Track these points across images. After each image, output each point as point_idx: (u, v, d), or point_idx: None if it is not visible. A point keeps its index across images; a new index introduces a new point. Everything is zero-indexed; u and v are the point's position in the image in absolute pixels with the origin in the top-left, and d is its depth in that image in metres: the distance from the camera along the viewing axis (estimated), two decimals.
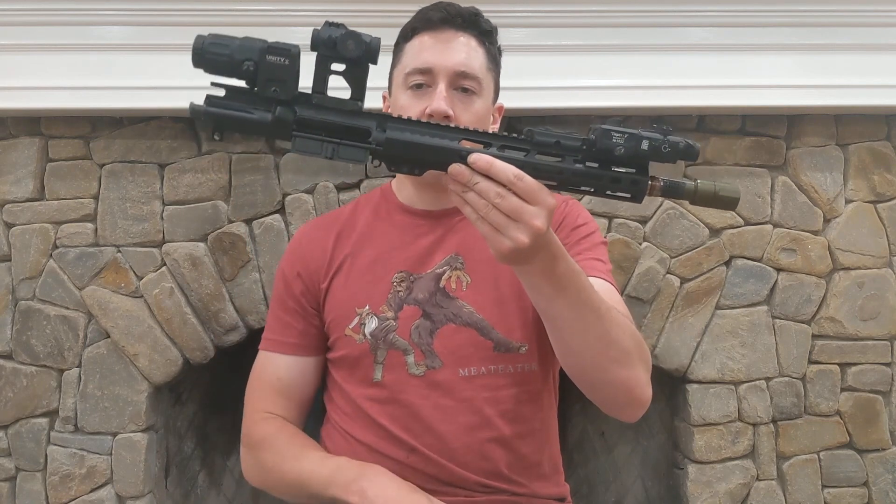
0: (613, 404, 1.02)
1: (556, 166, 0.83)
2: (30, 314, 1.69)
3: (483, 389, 1.08)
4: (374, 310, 1.11)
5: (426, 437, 1.07)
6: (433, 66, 1.08)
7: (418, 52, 1.11)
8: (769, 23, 1.69)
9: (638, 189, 0.84)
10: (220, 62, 0.77)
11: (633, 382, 0.97)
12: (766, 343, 1.76)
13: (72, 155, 1.71)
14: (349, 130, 0.79)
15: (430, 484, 1.07)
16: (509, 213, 0.79)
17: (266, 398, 1.16)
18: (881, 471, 1.78)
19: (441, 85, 1.08)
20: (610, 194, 0.86)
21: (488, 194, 0.79)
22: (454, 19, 1.12)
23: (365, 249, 1.16)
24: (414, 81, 1.10)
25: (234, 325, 1.71)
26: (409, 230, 1.16)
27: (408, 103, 1.10)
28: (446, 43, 1.10)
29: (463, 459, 1.07)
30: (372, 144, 0.79)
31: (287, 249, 1.23)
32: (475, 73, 1.10)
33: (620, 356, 0.95)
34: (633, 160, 0.83)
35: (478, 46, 1.13)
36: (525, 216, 0.79)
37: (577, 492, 1.66)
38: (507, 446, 1.09)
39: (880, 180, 1.79)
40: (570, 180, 0.84)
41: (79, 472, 1.68)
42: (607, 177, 0.84)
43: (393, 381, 1.09)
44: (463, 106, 1.09)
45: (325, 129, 0.79)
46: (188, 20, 1.64)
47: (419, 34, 1.12)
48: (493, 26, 1.16)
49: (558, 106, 1.67)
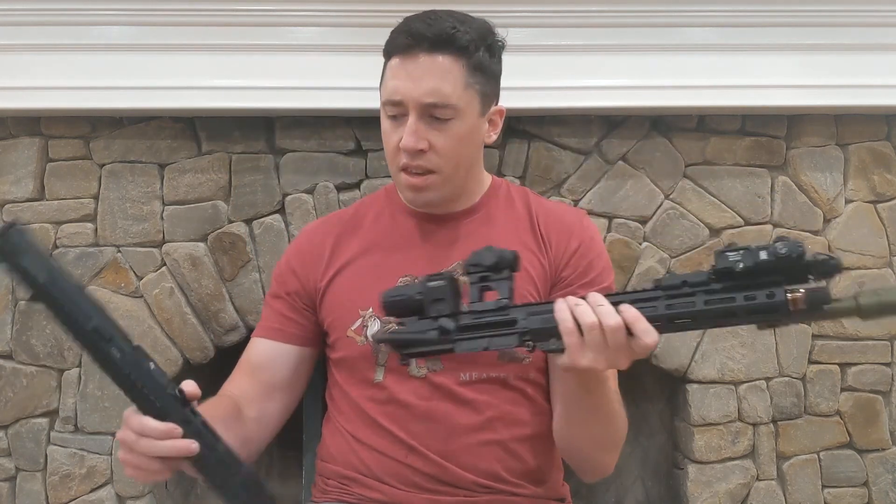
0: (581, 472, 1.14)
1: (690, 311, 0.86)
2: (30, 314, 1.69)
3: (483, 393, 1.08)
4: (378, 312, 1.11)
5: (425, 438, 1.06)
6: (402, 99, 1.05)
7: (390, 79, 1.08)
8: (769, 23, 1.69)
9: (775, 303, 0.82)
10: (403, 307, 0.95)
11: (609, 466, 1.10)
12: (766, 343, 1.76)
13: (72, 155, 1.71)
14: (502, 324, 0.92)
15: (429, 484, 1.07)
16: (611, 343, 0.85)
17: (231, 381, 1.14)
18: (881, 471, 1.78)
19: (411, 118, 1.05)
20: (755, 320, 0.86)
21: (610, 330, 0.85)
22: (420, 44, 1.05)
23: (369, 251, 1.16)
24: (389, 112, 1.08)
25: (234, 325, 1.71)
26: (414, 233, 1.16)
27: (388, 130, 1.10)
28: (414, 71, 1.05)
29: (462, 460, 1.07)
30: (520, 329, 0.91)
31: (288, 246, 1.24)
32: (447, 100, 1.05)
33: (609, 446, 1.08)
34: (756, 273, 0.83)
35: (452, 65, 1.06)
36: (621, 352, 0.85)
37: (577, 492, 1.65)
38: (507, 449, 1.09)
39: (880, 180, 1.79)
40: (704, 321, 0.87)
41: (79, 472, 1.68)
42: (740, 303, 0.83)
43: (394, 383, 1.09)
44: (439, 134, 1.06)
45: (481, 328, 0.92)
46: (188, 20, 1.64)
47: (392, 57, 1.09)
48: (472, 36, 1.08)
49: (558, 106, 1.67)
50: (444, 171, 1.09)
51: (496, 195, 1.20)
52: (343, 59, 1.64)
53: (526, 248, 1.13)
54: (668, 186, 1.75)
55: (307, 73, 1.64)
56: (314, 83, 1.64)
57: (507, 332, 0.91)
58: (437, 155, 1.07)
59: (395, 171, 1.11)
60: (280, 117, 1.71)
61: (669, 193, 1.75)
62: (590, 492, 1.89)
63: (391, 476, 1.08)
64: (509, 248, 1.03)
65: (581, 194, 1.73)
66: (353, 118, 1.70)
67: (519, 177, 1.72)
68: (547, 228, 1.16)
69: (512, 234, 1.15)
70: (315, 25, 1.67)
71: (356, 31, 1.63)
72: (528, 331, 0.90)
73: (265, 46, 1.65)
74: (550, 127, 1.73)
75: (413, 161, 1.07)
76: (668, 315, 0.85)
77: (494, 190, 1.20)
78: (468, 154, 1.12)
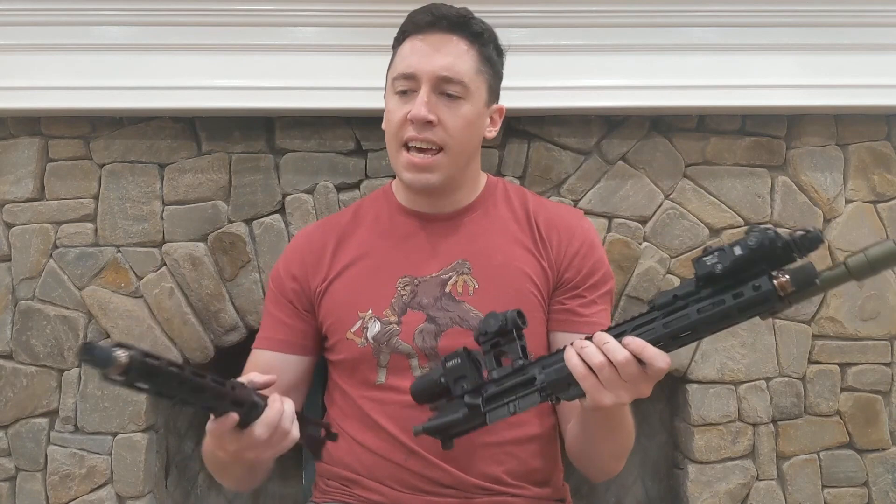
0: (591, 477, 1.18)
1: (688, 324, 0.86)
2: (30, 314, 1.69)
3: None
4: (378, 314, 1.11)
5: (426, 440, 1.06)
6: (416, 71, 1.07)
7: (405, 56, 1.10)
8: (769, 23, 1.68)
9: (764, 293, 0.83)
10: (431, 393, 1.00)
11: (619, 469, 1.13)
12: (766, 343, 1.76)
13: (72, 155, 1.71)
14: (522, 384, 0.95)
15: (429, 486, 1.07)
16: (625, 377, 0.86)
17: None
18: (881, 471, 1.78)
19: (423, 90, 1.07)
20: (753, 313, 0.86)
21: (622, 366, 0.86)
22: (440, 21, 1.10)
23: (368, 254, 1.16)
24: (400, 87, 1.09)
25: (234, 325, 1.71)
26: (412, 234, 1.16)
27: (394, 107, 1.10)
28: (432, 46, 1.09)
29: (462, 463, 1.08)
30: (539, 386, 0.94)
31: (286, 249, 1.23)
32: (460, 77, 1.08)
33: (623, 454, 1.11)
34: (739, 270, 0.84)
35: (467, 49, 1.10)
36: (639, 381, 0.87)
37: (578, 492, 1.65)
38: (508, 452, 1.09)
39: (880, 180, 1.79)
40: (704, 329, 0.87)
41: (79, 472, 1.67)
42: (731, 303, 0.84)
43: (396, 384, 1.09)
44: (448, 111, 1.08)
45: (505, 393, 0.96)
46: (188, 20, 1.64)
47: (409, 38, 1.11)
48: (485, 27, 1.14)
49: (558, 106, 1.67)
50: (450, 149, 1.09)
51: (493, 194, 1.20)
52: (343, 59, 1.64)
53: (523, 248, 1.14)
54: (668, 186, 1.75)
55: (307, 73, 1.64)
56: (314, 83, 1.63)
57: (529, 391, 0.94)
58: (445, 131, 1.08)
59: (397, 148, 1.10)
60: (280, 117, 1.71)
61: (669, 193, 1.75)
62: (590, 491, 1.89)
63: (391, 478, 1.08)
64: (506, 248, 1.04)
65: (581, 194, 1.73)
66: (353, 118, 1.70)
67: (519, 177, 1.72)
68: (547, 229, 1.16)
69: (509, 234, 1.15)
70: (315, 25, 1.67)
71: (356, 31, 1.63)
72: (547, 384, 0.93)
73: (265, 46, 1.65)
74: (550, 127, 1.73)
75: (420, 133, 1.07)
76: (668, 334, 0.87)
77: (491, 189, 1.20)
78: (472, 141, 1.13)
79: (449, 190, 1.14)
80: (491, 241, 1.15)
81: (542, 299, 1.13)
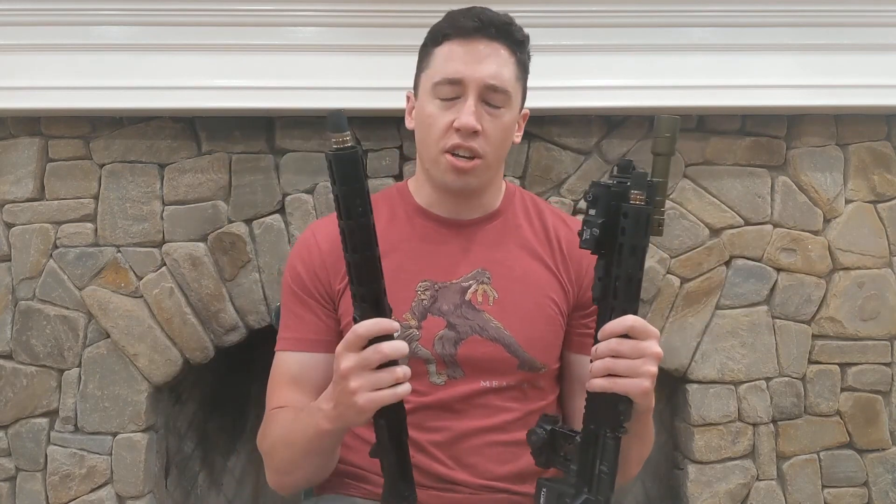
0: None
1: (623, 279, 0.90)
2: (30, 314, 1.69)
3: (496, 398, 1.09)
4: (397, 316, 1.10)
5: (434, 436, 1.07)
6: (463, 78, 1.06)
7: (448, 60, 1.08)
8: (769, 23, 1.69)
9: (633, 214, 0.89)
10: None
11: (634, 476, 1.13)
12: (766, 343, 1.76)
13: (72, 155, 1.71)
14: (590, 446, 0.93)
15: (433, 482, 1.07)
16: (632, 354, 0.88)
17: (279, 396, 1.11)
18: (881, 471, 1.78)
19: (471, 98, 1.06)
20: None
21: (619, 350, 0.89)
22: (487, 29, 1.07)
23: (387, 253, 1.14)
24: (442, 91, 1.07)
25: (234, 325, 1.71)
26: (432, 237, 1.15)
27: (436, 113, 1.08)
28: (478, 54, 1.07)
29: (468, 460, 1.08)
30: (602, 432, 0.92)
31: (299, 245, 1.18)
32: (505, 86, 1.07)
33: (643, 460, 1.11)
34: (607, 225, 0.91)
35: (509, 57, 1.09)
36: (647, 356, 0.89)
37: None
38: (513, 451, 1.10)
39: (880, 180, 1.79)
40: (635, 271, 0.90)
41: (79, 472, 1.68)
42: (626, 241, 0.89)
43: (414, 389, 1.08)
44: (492, 120, 1.07)
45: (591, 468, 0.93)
46: (188, 20, 1.64)
47: (450, 41, 1.08)
48: (525, 35, 1.13)
49: (558, 106, 1.66)
50: (489, 158, 1.09)
51: (511, 203, 1.19)
52: (343, 59, 1.64)
53: (541, 264, 1.14)
54: (668, 186, 1.75)
55: (307, 73, 1.64)
56: (314, 83, 1.63)
57: (601, 446, 0.92)
58: (487, 141, 1.08)
59: (437, 153, 1.09)
60: (280, 117, 1.71)
61: (669, 193, 1.75)
62: None
63: None
64: (525, 261, 1.10)
65: (581, 194, 1.73)
66: (353, 118, 1.69)
67: (519, 177, 1.72)
68: (568, 245, 1.16)
69: (528, 247, 1.16)
70: (315, 25, 1.67)
71: (356, 31, 1.63)
72: (602, 426, 0.91)
73: (265, 46, 1.65)
74: (550, 127, 1.73)
75: (466, 142, 1.06)
76: (621, 301, 0.90)
77: (510, 197, 1.20)
78: (506, 147, 1.14)
79: (478, 193, 1.15)
80: (510, 252, 1.15)
81: (561, 316, 1.14)
